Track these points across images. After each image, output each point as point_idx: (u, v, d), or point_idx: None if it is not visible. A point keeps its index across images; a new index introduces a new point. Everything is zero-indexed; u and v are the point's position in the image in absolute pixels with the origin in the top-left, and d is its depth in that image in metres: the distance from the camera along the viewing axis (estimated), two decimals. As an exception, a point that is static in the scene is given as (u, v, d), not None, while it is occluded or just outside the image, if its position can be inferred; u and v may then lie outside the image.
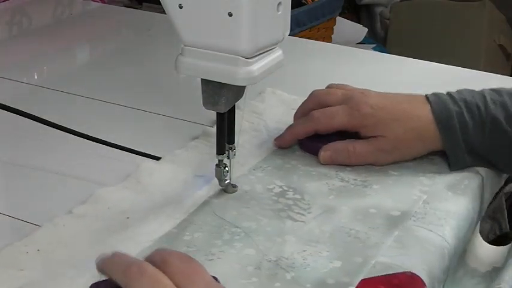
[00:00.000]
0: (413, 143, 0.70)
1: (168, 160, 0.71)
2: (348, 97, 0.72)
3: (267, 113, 0.81)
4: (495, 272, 0.64)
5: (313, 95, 0.75)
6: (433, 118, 0.69)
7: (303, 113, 0.74)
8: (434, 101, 0.70)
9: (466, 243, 0.64)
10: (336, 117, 0.71)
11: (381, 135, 0.69)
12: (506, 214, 0.81)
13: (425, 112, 0.69)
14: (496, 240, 0.69)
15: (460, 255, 0.64)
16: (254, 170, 0.69)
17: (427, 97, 0.71)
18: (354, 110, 0.70)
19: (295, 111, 0.77)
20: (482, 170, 0.71)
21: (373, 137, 0.70)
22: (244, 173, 0.68)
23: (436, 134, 0.69)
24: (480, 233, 0.71)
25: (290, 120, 0.79)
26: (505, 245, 0.73)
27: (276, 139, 0.74)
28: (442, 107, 0.69)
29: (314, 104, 0.74)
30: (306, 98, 0.76)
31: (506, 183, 0.77)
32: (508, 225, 0.81)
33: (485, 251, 0.69)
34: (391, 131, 0.69)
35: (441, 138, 0.69)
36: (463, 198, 0.66)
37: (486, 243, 0.70)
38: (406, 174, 0.69)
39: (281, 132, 0.75)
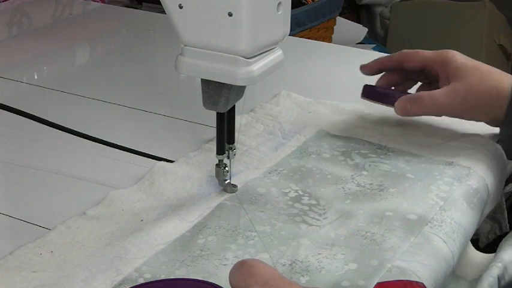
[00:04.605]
0: (487, 94, 0.71)
1: (182, 162, 0.70)
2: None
3: (282, 115, 0.80)
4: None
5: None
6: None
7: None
8: None
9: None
10: (421, 52, 0.76)
11: (457, 81, 0.72)
12: (506, 214, 0.81)
13: (508, 79, 0.72)
14: (496, 240, 0.69)
15: None
16: (269, 173, 0.68)
17: None
18: (442, 52, 0.75)
19: (310, 113, 0.75)
20: (491, 183, 0.69)
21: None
22: (259, 176, 0.67)
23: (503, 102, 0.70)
24: (480, 233, 0.71)
25: (305, 122, 0.78)
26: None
27: (362, 66, 0.80)
28: None
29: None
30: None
31: (506, 183, 0.76)
32: (508, 225, 0.81)
33: (473, 259, 0.68)
34: (469, 77, 0.72)
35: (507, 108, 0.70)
36: (474, 213, 0.64)
37: (475, 251, 0.70)
38: (422, 178, 0.67)
39: (296, 135, 0.74)
